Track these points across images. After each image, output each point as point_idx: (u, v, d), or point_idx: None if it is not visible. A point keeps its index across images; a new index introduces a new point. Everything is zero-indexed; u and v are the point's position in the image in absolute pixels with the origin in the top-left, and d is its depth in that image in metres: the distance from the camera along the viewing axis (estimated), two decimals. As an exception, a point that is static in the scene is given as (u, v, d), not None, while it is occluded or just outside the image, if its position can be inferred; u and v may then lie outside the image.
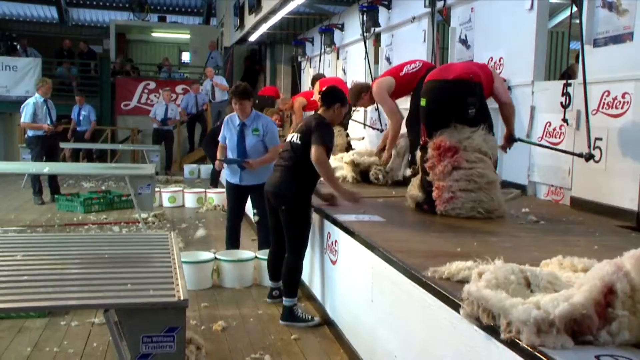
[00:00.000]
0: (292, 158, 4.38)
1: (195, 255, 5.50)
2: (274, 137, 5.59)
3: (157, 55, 20.69)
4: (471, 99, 4.38)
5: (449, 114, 4.38)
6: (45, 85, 9.33)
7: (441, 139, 4.34)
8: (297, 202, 4.35)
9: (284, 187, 4.36)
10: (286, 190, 4.34)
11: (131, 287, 2.67)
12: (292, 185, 4.34)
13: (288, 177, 4.36)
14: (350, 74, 10.58)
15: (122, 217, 8.45)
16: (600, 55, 4.70)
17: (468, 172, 4.27)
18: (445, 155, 4.32)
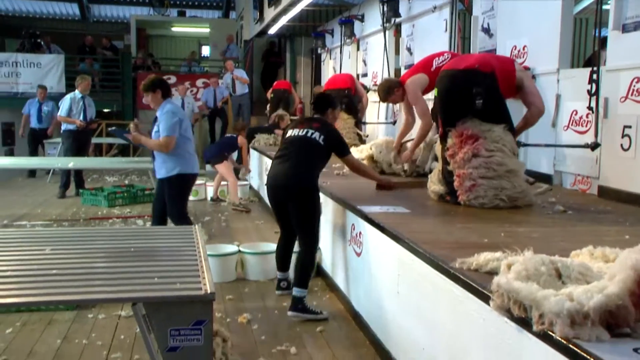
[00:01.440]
0: (308, 151, 4.42)
1: (219, 248, 5.53)
2: (165, 126, 5.26)
3: (177, 49, 20.78)
4: (477, 89, 4.29)
5: (457, 104, 4.36)
6: (84, 82, 9.52)
7: (464, 127, 4.32)
8: (312, 194, 4.40)
9: (302, 178, 4.37)
10: (304, 182, 4.37)
11: (158, 281, 2.68)
12: (308, 176, 4.39)
13: (303, 169, 4.37)
14: (370, 65, 10.52)
15: (146, 211, 8.50)
16: (629, 41, 4.60)
17: (487, 159, 4.23)
18: (467, 142, 4.31)
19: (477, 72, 4.34)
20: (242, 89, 13.66)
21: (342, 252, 4.70)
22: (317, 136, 4.43)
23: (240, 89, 13.66)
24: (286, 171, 4.40)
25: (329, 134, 4.51)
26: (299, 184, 4.36)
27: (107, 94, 15.58)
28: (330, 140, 4.49)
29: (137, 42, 17.97)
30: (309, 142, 4.43)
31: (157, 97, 5.34)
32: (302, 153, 4.40)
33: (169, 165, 5.35)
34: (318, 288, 5.11)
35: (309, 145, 4.42)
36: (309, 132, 4.44)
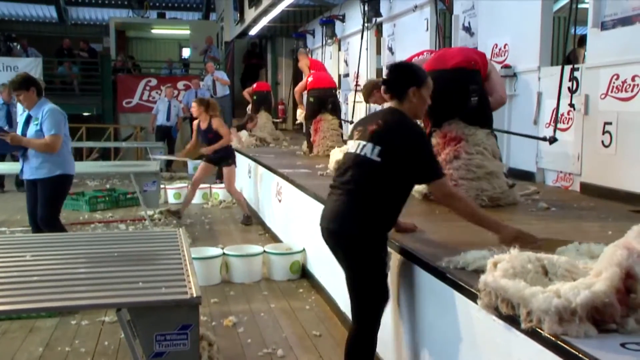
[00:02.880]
0: (359, 179, 2.87)
1: (203, 251, 5.48)
2: (50, 125, 4.94)
3: (157, 51, 20.62)
4: (473, 86, 4.34)
5: (451, 103, 4.32)
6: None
7: (448, 128, 4.34)
8: (365, 246, 2.87)
9: (346, 221, 2.87)
10: (354, 227, 2.85)
11: (142, 285, 2.64)
12: (357, 218, 2.84)
13: (351, 207, 2.86)
14: (352, 65, 10.53)
15: (128, 215, 8.43)
16: (608, 38, 4.65)
17: (467, 162, 4.28)
18: (449, 144, 4.35)
19: (469, 70, 4.35)
20: (223, 91, 13.59)
21: (327, 253, 4.67)
22: (369, 150, 2.83)
23: (221, 90, 13.59)
24: (333, 209, 2.95)
25: (390, 139, 2.83)
26: (347, 231, 2.88)
27: (87, 97, 15.41)
28: (391, 151, 2.80)
29: (117, 44, 17.80)
30: (362, 164, 2.86)
31: (32, 95, 5.00)
32: (353, 182, 2.88)
33: (49, 165, 5.03)
34: (303, 289, 5.09)
35: (363, 170, 2.87)
36: (360, 146, 2.89)
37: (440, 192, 2.94)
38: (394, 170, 2.80)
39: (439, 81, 4.42)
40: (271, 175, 7.01)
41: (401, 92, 2.95)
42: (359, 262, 2.89)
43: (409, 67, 3.20)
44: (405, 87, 2.94)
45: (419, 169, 2.84)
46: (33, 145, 4.99)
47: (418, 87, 2.95)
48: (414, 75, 3.00)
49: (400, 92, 2.96)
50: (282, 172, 6.48)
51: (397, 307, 3.27)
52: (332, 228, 2.92)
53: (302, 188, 5.46)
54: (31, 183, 5.18)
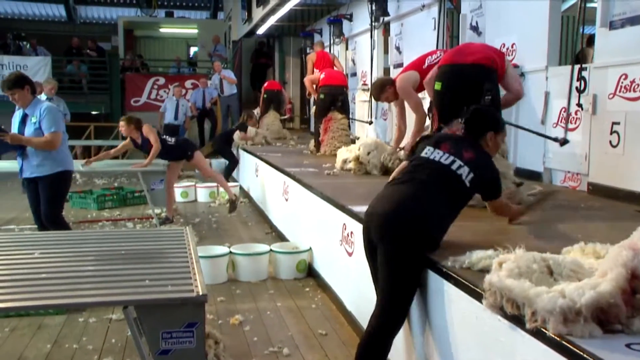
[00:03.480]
0: (443, 186, 2.98)
1: (210, 250, 5.50)
2: (50, 122, 4.94)
3: (165, 50, 20.70)
4: (488, 84, 4.28)
5: (464, 99, 4.28)
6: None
7: (456, 128, 4.28)
8: (418, 243, 2.84)
9: (418, 214, 2.86)
10: (418, 220, 2.85)
11: (149, 283, 2.66)
12: (427, 215, 2.88)
13: (424, 204, 2.90)
14: (359, 64, 10.52)
15: (136, 213, 8.47)
16: (617, 38, 4.63)
17: None
18: None
19: (488, 67, 4.29)
20: (230, 90, 13.62)
21: (333, 252, 4.69)
22: (464, 172, 2.99)
23: (229, 89, 13.62)
24: (397, 197, 2.91)
25: (482, 174, 3.07)
26: (408, 220, 2.83)
27: (95, 96, 15.48)
28: (481, 183, 3.09)
29: (125, 43, 17.89)
30: (449, 176, 2.98)
31: (26, 94, 4.96)
32: (433, 184, 2.96)
33: (50, 162, 5.03)
34: (310, 288, 5.10)
35: (447, 180, 2.98)
36: (455, 163, 3.01)
37: (495, 209, 3.46)
38: (472, 193, 3.13)
39: (456, 75, 4.41)
40: (278, 174, 7.02)
41: (479, 135, 3.25)
42: (399, 263, 2.83)
43: (491, 113, 3.45)
44: (484, 131, 3.26)
45: (489, 192, 3.28)
46: (33, 143, 4.97)
47: (495, 133, 3.28)
48: (494, 121, 3.36)
49: (478, 135, 3.25)
50: (289, 171, 6.50)
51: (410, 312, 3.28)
52: (390, 211, 2.87)
53: (308, 187, 5.47)
54: (31, 181, 5.16)
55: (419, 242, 2.84)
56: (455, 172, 2.99)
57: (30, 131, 5.00)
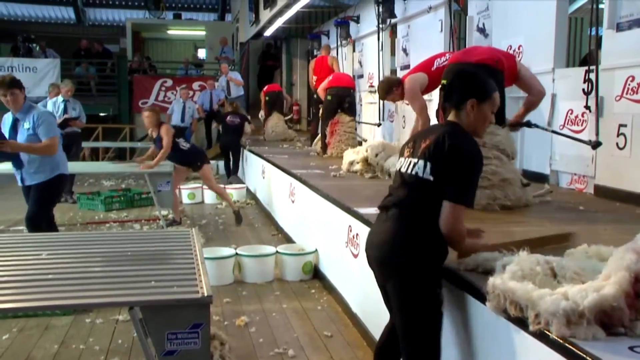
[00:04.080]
0: (409, 200, 2.56)
1: (216, 251, 5.52)
2: (48, 128, 4.90)
3: (173, 52, 20.79)
4: None
5: None
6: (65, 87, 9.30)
7: None
8: (418, 278, 2.51)
9: (396, 247, 2.53)
10: (398, 253, 2.52)
11: (155, 284, 2.68)
12: (409, 245, 2.51)
13: (402, 231, 2.53)
14: (366, 66, 10.52)
15: (143, 215, 8.51)
16: (624, 40, 4.61)
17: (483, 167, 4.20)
18: None
19: (493, 67, 4.31)
20: (237, 92, 13.66)
21: (339, 254, 4.70)
22: (420, 169, 2.52)
23: (235, 91, 13.66)
24: (381, 234, 2.62)
25: (441, 156, 2.47)
26: (397, 259, 2.53)
27: (103, 97, 15.57)
28: (438, 164, 2.48)
29: (133, 45, 17.97)
30: (413, 184, 2.55)
31: (22, 96, 4.87)
32: (404, 203, 2.57)
33: (49, 167, 5.00)
34: (315, 290, 5.11)
35: (413, 190, 2.56)
36: (411, 165, 2.58)
37: (446, 217, 2.45)
38: (437, 177, 2.47)
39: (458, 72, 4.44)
40: (284, 175, 7.03)
41: (458, 102, 2.60)
42: (410, 298, 2.50)
43: (473, 75, 2.75)
44: (463, 98, 2.58)
45: (449, 183, 2.44)
46: (34, 149, 4.90)
47: (479, 101, 2.57)
48: (477, 85, 2.62)
49: (458, 102, 2.61)
50: (296, 172, 6.51)
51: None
52: (380, 256, 2.59)
53: (315, 189, 5.48)
54: (28, 188, 5.11)
55: (420, 279, 2.50)
56: (415, 176, 2.53)
57: (23, 137, 4.91)
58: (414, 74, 5.96)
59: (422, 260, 2.50)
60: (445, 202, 2.44)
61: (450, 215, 2.45)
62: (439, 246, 2.53)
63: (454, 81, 2.70)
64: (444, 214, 2.45)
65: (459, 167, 2.44)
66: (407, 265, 2.50)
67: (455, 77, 2.74)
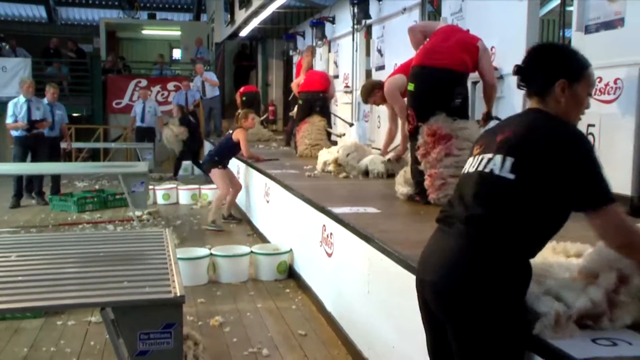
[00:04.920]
0: (482, 210, 1.93)
1: (190, 252, 5.50)
2: None
3: (148, 52, 20.59)
4: (459, 89, 4.44)
5: (435, 101, 4.39)
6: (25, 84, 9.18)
7: (437, 126, 4.34)
8: (488, 312, 1.86)
9: (461, 272, 1.90)
10: (472, 285, 1.87)
11: (127, 285, 2.66)
12: (479, 269, 1.88)
13: (469, 252, 1.91)
14: (342, 67, 10.55)
15: (117, 216, 8.42)
16: (592, 41, 4.70)
17: (457, 158, 4.29)
18: (440, 142, 4.34)
19: (459, 72, 4.42)
20: (212, 92, 13.59)
21: (313, 253, 4.71)
22: (497, 166, 1.93)
23: (211, 91, 13.59)
24: (440, 255, 2.00)
25: (529, 149, 1.90)
26: (462, 289, 1.89)
27: (77, 98, 15.36)
28: (532, 166, 1.88)
29: (107, 45, 17.77)
30: (485, 185, 1.96)
31: None
32: (473, 214, 1.94)
33: None
34: (290, 289, 5.11)
35: (485, 194, 1.95)
36: (483, 162, 1.99)
37: (608, 226, 1.86)
38: (537, 189, 1.85)
39: (426, 78, 4.48)
40: (259, 176, 7.03)
41: (544, 86, 2.02)
42: (478, 335, 1.88)
43: (559, 49, 2.14)
44: (551, 80, 2.00)
45: (579, 189, 1.84)
46: None
47: (571, 82, 2.01)
48: (566, 62, 2.04)
49: (543, 86, 2.02)
50: (270, 172, 6.51)
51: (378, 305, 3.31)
52: (438, 281, 1.95)
53: (289, 189, 5.49)
54: None
55: (481, 307, 1.86)
56: (489, 174, 1.93)
57: None
58: (393, 76, 6.02)
59: (490, 293, 1.85)
60: (592, 213, 1.85)
61: (611, 222, 1.85)
62: (520, 266, 1.90)
63: (533, 59, 2.08)
64: (600, 229, 1.87)
65: (577, 161, 1.85)
66: (472, 299, 1.86)
67: (535, 54, 2.10)
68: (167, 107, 14.76)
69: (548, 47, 2.11)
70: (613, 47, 4.47)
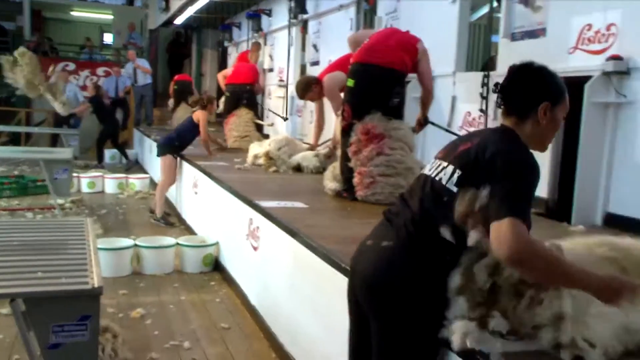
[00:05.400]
0: (422, 215, 1.99)
1: (114, 242, 5.35)
2: None
3: (77, 35, 19.80)
4: (398, 88, 4.50)
5: (373, 99, 4.43)
6: None
7: (371, 124, 4.39)
8: (409, 306, 1.95)
9: (396, 270, 1.97)
10: (397, 279, 1.95)
11: (42, 275, 2.55)
12: (409, 268, 1.96)
13: (404, 252, 1.98)
14: (277, 60, 10.53)
15: (37, 203, 8.07)
16: (517, 49, 4.88)
17: (388, 157, 4.37)
18: (372, 140, 4.39)
19: (399, 72, 4.47)
20: (144, 80, 13.25)
21: (239, 247, 4.68)
22: (446, 175, 1.97)
23: (143, 79, 13.25)
24: (373, 252, 2.06)
25: (481, 166, 1.89)
26: (392, 285, 1.96)
27: (-3, 78, 14.61)
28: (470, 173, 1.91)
29: (32, 24, 16.97)
30: (432, 191, 2.00)
31: None
32: (413, 216, 2.00)
33: None
34: (215, 282, 5.06)
35: (429, 199, 1.99)
36: (438, 168, 2.03)
37: (501, 236, 1.76)
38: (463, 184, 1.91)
39: (366, 75, 4.48)
40: (188, 167, 6.91)
41: (526, 108, 2.00)
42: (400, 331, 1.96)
43: (543, 72, 2.05)
44: (534, 101, 1.99)
45: (492, 197, 1.82)
46: None
47: (553, 105, 2.00)
48: (550, 85, 2.03)
49: (525, 109, 2.00)
50: (200, 164, 6.42)
51: (302, 300, 3.33)
52: (370, 274, 2.00)
53: (218, 181, 5.43)
54: None
55: (403, 301, 1.94)
56: (438, 182, 1.98)
57: None
58: (331, 72, 6.02)
59: (413, 287, 1.93)
60: (495, 222, 1.78)
61: (508, 232, 1.75)
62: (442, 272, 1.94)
63: (517, 79, 2.05)
64: (493, 240, 1.78)
65: (507, 175, 1.83)
66: (395, 293, 1.94)
67: (519, 75, 2.05)
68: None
69: (532, 68, 2.05)
70: (536, 55, 4.62)
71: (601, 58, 4.02)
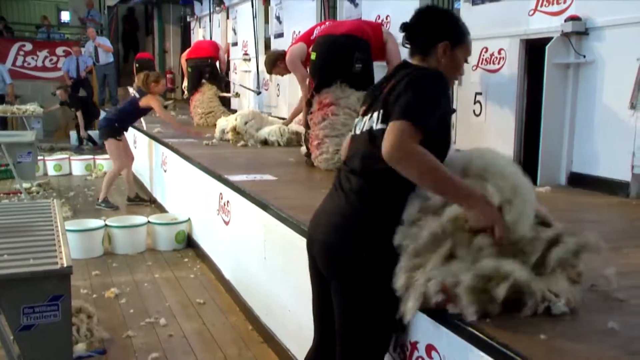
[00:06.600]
0: (359, 169, 2.02)
1: (84, 223, 5.31)
2: None
3: (32, 14, 19.24)
4: (359, 54, 4.57)
5: (336, 67, 4.52)
6: None
7: (325, 95, 4.52)
8: (365, 269, 1.94)
9: (348, 232, 1.98)
10: (350, 242, 1.96)
11: (8, 258, 2.53)
12: (359, 229, 1.96)
13: (352, 213, 1.99)
14: (240, 34, 10.39)
15: (2, 188, 7.93)
16: (478, 13, 4.91)
17: (332, 120, 4.52)
18: (323, 108, 4.57)
19: (358, 38, 4.56)
20: (106, 58, 12.97)
21: (211, 222, 4.68)
22: (375, 120, 1.99)
23: (104, 57, 12.96)
24: (330, 214, 2.07)
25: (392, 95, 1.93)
26: (342, 247, 1.98)
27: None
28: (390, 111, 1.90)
29: (-15, 4, 16.43)
30: (364, 143, 2.03)
31: None
32: (352, 175, 2.04)
33: None
34: (189, 259, 5.07)
35: (363, 151, 2.02)
36: (365, 122, 2.07)
37: (390, 136, 1.79)
38: None
39: (329, 45, 4.62)
40: (156, 145, 6.84)
41: (426, 46, 2.07)
42: (354, 290, 1.97)
43: (445, 14, 2.22)
44: (433, 40, 2.06)
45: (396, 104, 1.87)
46: None
47: (453, 45, 2.07)
48: (450, 26, 2.11)
49: (425, 47, 2.07)
50: (167, 141, 6.35)
51: (274, 271, 3.36)
52: (326, 240, 2.02)
53: (186, 157, 5.39)
54: None
55: (359, 265, 1.93)
56: (368, 133, 2.00)
57: None
58: (294, 45, 5.98)
59: (378, 248, 1.91)
60: (389, 124, 1.83)
61: (393, 134, 1.79)
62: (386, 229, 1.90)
63: (420, 20, 2.11)
64: (385, 140, 1.81)
65: (411, 86, 1.89)
66: (350, 256, 1.95)
67: (422, 15, 2.13)
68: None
69: (435, 10, 2.21)
70: (497, 19, 4.69)
71: (560, 19, 4.07)
